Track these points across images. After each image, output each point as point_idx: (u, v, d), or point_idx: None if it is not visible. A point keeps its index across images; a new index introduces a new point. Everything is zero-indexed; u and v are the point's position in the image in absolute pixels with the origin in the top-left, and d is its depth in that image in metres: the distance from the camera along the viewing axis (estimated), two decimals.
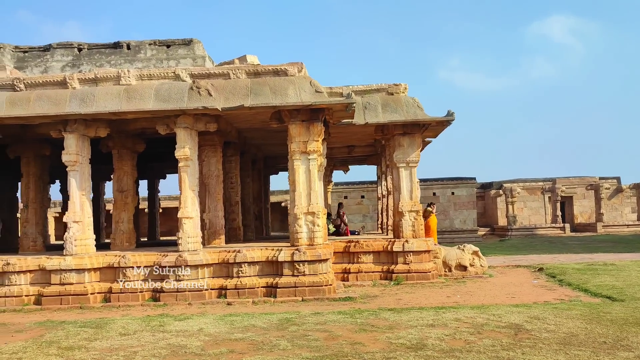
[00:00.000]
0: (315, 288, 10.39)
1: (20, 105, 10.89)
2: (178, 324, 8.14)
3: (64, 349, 6.72)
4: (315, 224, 10.80)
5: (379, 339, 6.71)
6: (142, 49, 14.56)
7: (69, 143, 11.00)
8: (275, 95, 10.65)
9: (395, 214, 13.20)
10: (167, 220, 36.79)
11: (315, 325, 7.70)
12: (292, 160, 11.01)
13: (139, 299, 10.55)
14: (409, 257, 12.52)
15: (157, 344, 6.81)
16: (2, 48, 14.34)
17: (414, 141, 12.87)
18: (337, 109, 10.82)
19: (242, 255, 10.64)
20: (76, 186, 11.11)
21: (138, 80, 11.19)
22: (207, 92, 10.71)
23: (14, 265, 10.72)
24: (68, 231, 10.92)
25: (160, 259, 10.72)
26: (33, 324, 8.69)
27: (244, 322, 8.09)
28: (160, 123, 11.25)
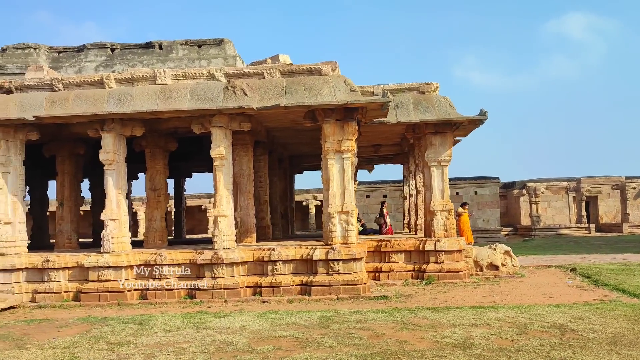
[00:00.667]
0: (349, 287, 10.42)
1: (59, 104, 11.08)
2: (219, 321, 8.23)
3: (112, 344, 6.84)
4: (349, 223, 10.82)
5: (424, 337, 6.71)
6: (174, 48, 14.72)
7: (106, 142, 11.17)
8: (309, 94, 10.70)
9: (426, 213, 13.16)
10: (189, 218, 36.96)
11: (356, 323, 7.73)
12: (325, 160, 11.05)
13: (175, 296, 10.67)
14: (440, 257, 12.47)
15: (202, 341, 6.90)
16: (38, 49, 14.60)
17: (446, 140, 12.82)
18: (372, 108, 10.83)
19: (276, 254, 10.71)
20: (113, 185, 11.27)
21: (173, 80, 11.32)
22: (242, 91, 10.79)
23: (53, 262, 10.92)
24: (105, 229, 11.09)
25: (196, 256, 10.83)
26: (76, 319, 8.85)
27: (284, 319, 8.15)
28: (195, 122, 11.36)
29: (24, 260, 11.07)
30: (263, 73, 11.17)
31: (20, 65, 14.37)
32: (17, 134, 11.46)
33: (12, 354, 6.52)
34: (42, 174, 17.84)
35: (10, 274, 10.96)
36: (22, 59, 14.59)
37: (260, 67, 11.28)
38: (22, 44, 14.53)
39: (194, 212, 37.10)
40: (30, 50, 14.56)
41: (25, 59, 14.58)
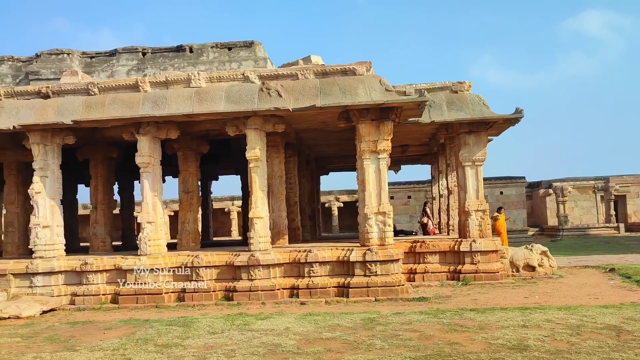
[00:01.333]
0: (387, 288, 10.32)
1: (95, 108, 11.18)
2: (261, 322, 8.20)
3: (160, 347, 6.84)
4: (386, 223, 10.73)
5: (474, 339, 6.60)
6: (205, 51, 14.77)
7: (142, 145, 11.23)
8: (345, 94, 10.64)
9: (461, 213, 13.01)
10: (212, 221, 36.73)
11: (401, 325, 7.64)
12: (361, 160, 10.98)
13: (212, 298, 10.68)
14: (476, 257, 12.31)
15: (250, 343, 6.86)
16: (71, 54, 14.77)
17: (480, 139, 12.66)
18: (408, 107, 10.73)
19: (313, 255, 10.66)
20: (149, 187, 11.32)
21: (207, 83, 11.35)
22: (277, 93, 10.78)
23: (92, 265, 11.00)
24: (142, 231, 11.14)
25: (233, 258, 10.83)
26: (118, 322, 8.89)
27: (327, 321, 8.09)
28: (229, 125, 11.37)
29: (63, 263, 11.18)
30: (297, 74, 11.15)
31: (54, 71, 14.55)
32: (54, 138, 11.59)
33: (64, 356, 6.55)
34: (72, 178, 18.03)
35: (50, 276, 11.07)
36: (56, 64, 14.77)
37: (294, 68, 11.26)
38: (56, 50, 14.72)
39: (217, 214, 37.23)
40: (64, 55, 14.74)
41: (59, 64, 14.76)
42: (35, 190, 11.27)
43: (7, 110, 11.34)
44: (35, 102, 11.46)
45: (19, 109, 11.32)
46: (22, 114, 11.24)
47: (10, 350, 7.01)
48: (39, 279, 11.03)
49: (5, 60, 15.09)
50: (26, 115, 11.22)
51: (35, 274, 11.03)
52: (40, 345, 7.26)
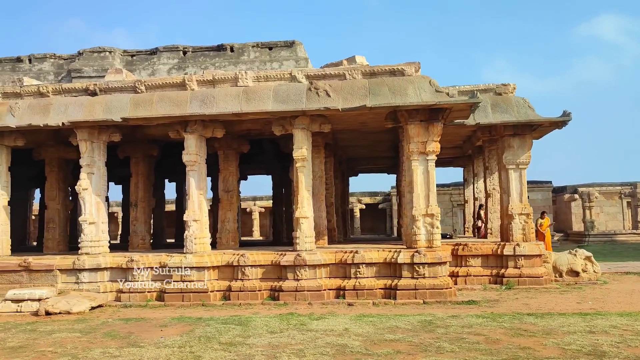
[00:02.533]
0: (436, 291, 10.22)
1: (143, 106, 11.23)
2: (317, 323, 8.15)
3: (225, 345, 6.82)
4: (434, 225, 10.64)
5: (545, 344, 6.49)
6: (245, 51, 14.79)
7: (189, 143, 11.26)
8: (394, 95, 10.57)
9: (503, 216, 12.88)
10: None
11: (462, 328, 7.55)
12: (409, 161, 10.90)
13: (258, 298, 10.66)
14: (520, 261, 12.18)
15: (315, 342, 6.82)
16: (113, 52, 14.87)
17: (525, 142, 12.53)
18: (458, 109, 10.64)
19: (360, 256, 10.60)
20: (195, 185, 11.34)
21: (254, 82, 11.34)
22: (325, 92, 10.74)
23: (137, 262, 11.04)
24: (188, 229, 11.16)
25: (279, 258, 10.81)
26: (170, 319, 8.89)
27: (384, 323, 8.02)
28: (275, 124, 11.36)
29: (109, 260, 11.24)
30: (344, 74, 11.11)
31: (96, 68, 14.65)
32: (100, 136, 11.65)
33: (131, 352, 6.56)
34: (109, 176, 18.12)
35: (96, 273, 11.13)
36: (99, 62, 14.88)
37: (342, 68, 11.22)
38: (98, 48, 14.82)
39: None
40: (106, 53, 14.84)
41: (102, 62, 14.85)
42: (83, 186, 11.34)
43: (56, 107, 11.42)
44: (83, 99, 11.53)
45: (67, 106, 11.39)
46: (71, 111, 11.31)
47: (75, 345, 7.03)
48: (85, 275, 11.10)
49: (48, 57, 15.23)
50: (74, 112, 11.29)
51: (81, 270, 11.09)
52: (102, 341, 7.28)
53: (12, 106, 11.52)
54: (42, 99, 11.69)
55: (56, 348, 6.87)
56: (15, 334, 7.95)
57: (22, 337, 7.66)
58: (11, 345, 7.10)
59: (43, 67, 15.26)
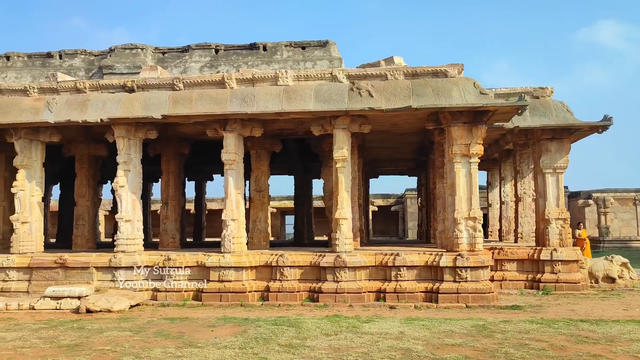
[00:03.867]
0: (478, 295, 10.11)
1: (183, 103, 11.13)
2: (368, 326, 8.05)
3: (286, 347, 6.71)
4: (476, 229, 10.52)
5: (614, 351, 6.38)
6: (279, 50, 14.70)
7: (228, 142, 11.16)
8: (438, 96, 10.47)
9: (539, 221, 12.75)
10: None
11: (519, 333, 7.43)
12: (451, 164, 10.79)
13: (297, 299, 10.55)
14: (557, 267, 12.07)
15: (377, 346, 6.71)
16: (145, 49, 14.77)
17: (563, 146, 12.42)
18: (503, 111, 10.53)
19: (401, 259, 10.49)
20: (233, 185, 11.25)
21: (294, 81, 11.24)
22: (367, 93, 10.64)
23: (174, 261, 10.94)
24: (226, 229, 11.06)
25: (318, 259, 10.70)
26: (216, 319, 8.79)
27: (436, 327, 7.91)
28: (315, 124, 11.27)
29: (145, 258, 11.14)
30: (386, 74, 11.00)
31: (128, 65, 14.57)
32: (137, 133, 11.56)
33: (194, 352, 6.45)
34: None
35: (132, 271, 11.03)
36: (130, 59, 14.79)
37: (383, 68, 11.11)
38: (130, 44, 14.74)
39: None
40: (138, 50, 14.75)
41: (133, 59, 14.76)
42: (120, 184, 11.25)
43: (94, 103, 11.33)
44: (121, 95, 11.44)
45: (105, 102, 11.30)
46: (109, 107, 11.22)
47: (132, 344, 6.93)
48: (121, 273, 11.00)
49: (79, 53, 15.15)
50: (113, 108, 11.20)
51: (117, 268, 11.00)
52: (157, 340, 7.17)
53: (49, 101, 11.43)
54: (79, 95, 11.60)
55: (114, 347, 6.76)
56: (64, 331, 7.85)
57: (73, 335, 7.56)
58: (67, 344, 7.00)
59: (73, 63, 15.17)
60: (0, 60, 15.05)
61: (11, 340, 7.21)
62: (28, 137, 11.73)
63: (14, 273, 11.24)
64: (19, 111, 11.39)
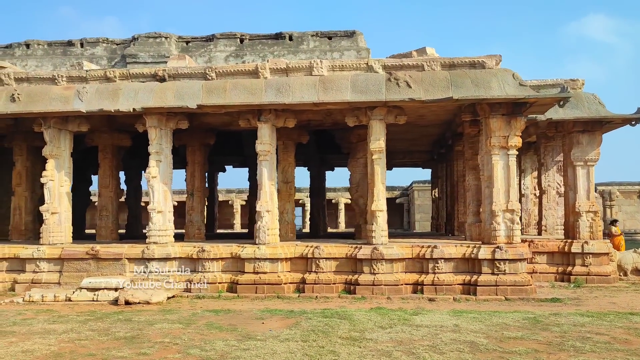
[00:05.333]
0: (517, 287, 10.08)
1: (216, 93, 10.98)
2: (419, 318, 7.99)
3: (349, 339, 6.63)
4: (514, 221, 10.48)
5: None
6: (305, 40, 14.51)
7: (263, 133, 11.03)
8: (477, 87, 10.38)
9: (569, 214, 12.73)
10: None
11: (574, 327, 7.40)
12: (489, 156, 10.71)
13: (333, 291, 10.49)
14: (587, 259, 12.06)
15: (440, 339, 6.65)
16: (169, 38, 14.54)
17: (594, 139, 12.38)
18: (543, 103, 10.46)
19: (439, 251, 10.43)
20: (267, 176, 11.13)
21: (329, 71, 11.11)
22: (405, 83, 10.53)
23: (209, 253, 10.83)
24: (260, 220, 10.95)
25: (354, 251, 10.63)
26: (260, 311, 8.70)
27: (488, 320, 7.86)
28: (350, 115, 11.15)
29: (178, 250, 11.02)
30: (423, 65, 10.90)
31: (152, 54, 14.34)
32: (168, 123, 11.41)
33: (257, 345, 6.36)
34: (138, 164, 17.86)
35: (165, 262, 10.92)
36: (154, 47, 14.55)
37: (420, 59, 11.00)
38: (154, 33, 14.50)
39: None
40: (162, 39, 14.52)
41: (157, 47, 14.53)
42: (152, 174, 11.10)
43: (125, 92, 11.16)
44: (153, 84, 11.26)
45: (137, 91, 11.13)
46: (141, 97, 11.05)
47: (190, 337, 6.83)
48: (154, 265, 10.89)
49: (100, 42, 14.87)
50: (145, 97, 11.03)
51: (150, 260, 10.88)
52: (212, 333, 7.08)
53: (79, 90, 11.24)
54: (110, 84, 11.42)
55: (172, 339, 6.66)
56: (112, 323, 7.74)
57: (124, 327, 7.45)
58: (122, 336, 6.89)
59: (95, 52, 14.91)
60: (20, 48, 14.78)
61: (63, 333, 7.09)
62: (57, 126, 11.55)
63: (44, 264, 11.09)
64: (48, 100, 11.20)
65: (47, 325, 7.56)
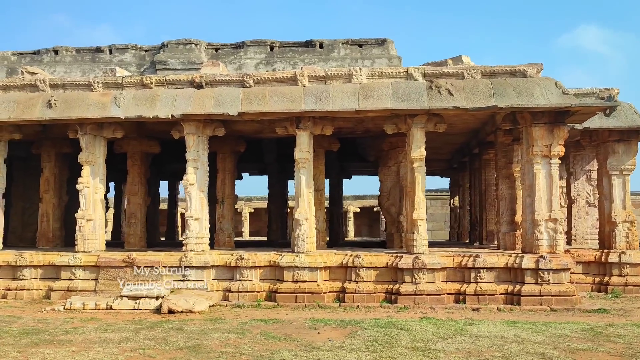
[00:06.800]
0: (562, 298, 9.98)
1: (255, 100, 10.91)
2: (476, 329, 7.88)
3: (415, 350, 6.52)
4: (557, 231, 10.40)
5: None
6: (335, 47, 14.49)
7: (302, 140, 10.97)
8: (520, 96, 10.32)
9: (605, 223, 12.66)
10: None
11: (636, 338, 7.31)
12: (530, 164, 10.65)
13: (374, 300, 10.38)
14: (625, 269, 11.99)
15: (508, 350, 6.54)
16: (198, 45, 14.50)
17: (630, 148, 12.35)
18: (587, 112, 10.42)
19: (481, 261, 10.34)
20: (305, 184, 11.05)
21: (368, 79, 11.05)
22: (447, 91, 10.48)
23: (247, 261, 10.72)
24: (299, 228, 10.86)
25: (395, 260, 10.52)
26: (309, 321, 8.59)
27: (545, 331, 7.76)
28: (388, 123, 11.11)
29: (215, 258, 10.91)
30: (463, 73, 10.85)
31: (182, 61, 14.29)
32: (205, 130, 11.33)
33: (327, 356, 6.24)
34: (156, 171, 17.78)
35: (203, 271, 10.79)
36: (184, 54, 14.50)
37: (460, 67, 10.96)
38: (184, 40, 14.46)
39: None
40: (192, 46, 14.48)
41: (187, 54, 14.48)
42: (190, 181, 11.01)
43: (162, 98, 11.08)
44: (190, 91, 11.19)
45: (174, 98, 11.05)
46: (179, 103, 10.97)
47: (252, 346, 6.71)
48: (191, 273, 10.76)
49: (129, 48, 14.83)
50: (183, 104, 10.95)
51: (188, 268, 10.75)
52: (272, 342, 6.96)
53: (116, 97, 11.17)
54: (147, 90, 11.34)
55: (236, 349, 6.54)
56: (165, 332, 7.61)
57: (180, 336, 7.33)
58: (183, 345, 6.77)
59: (124, 58, 14.86)
60: (49, 55, 14.72)
61: (121, 342, 6.96)
62: (93, 132, 11.47)
63: (80, 271, 10.96)
64: (85, 106, 11.11)
65: (100, 334, 7.43)
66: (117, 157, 14.25)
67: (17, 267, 11.22)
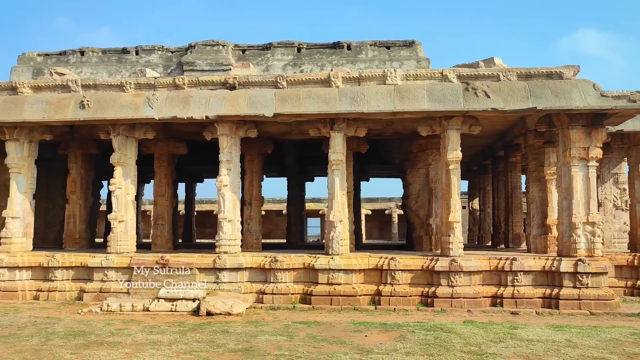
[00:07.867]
0: (601, 302, 9.88)
1: (290, 102, 10.85)
2: (524, 333, 7.80)
3: (471, 354, 6.45)
4: (595, 234, 10.30)
5: None
6: (363, 49, 14.44)
7: (336, 142, 10.91)
8: (557, 98, 10.24)
9: (637, 227, 12.56)
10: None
11: None
12: (567, 167, 10.57)
13: (410, 303, 10.29)
14: None
15: (565, 354, 6.46)
16: (226, 46, 14.47)
17: None
18: (625, 114, 10.33)
19: (518, 264, 10.25)
20: (339, 185, 11.00)
21: (403, 80, 10.99)
22: (484, 93, 10.41)
23: (281, 263, 10.65)
24: (333, 230, 10.79)
25: (431, 263, 10.45)
26: (350, 324, 8.52)
27: (595, 335, 7.69)
28: (423, 124, 11.05)
29: (249, 260, 10.84)
30: (498, 75, 10.77)
31: (209, 62, 14.25)
32: (238, 131, 11.28)
33: (381, 359, 6.17)
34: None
35: (237, 272, 10.73)
36: (212, 55, 14.47)
37: (496, 69, 10.89)
38: (211, 41, 14.43)
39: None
40: (219, 47, 14.45)
41: (215, 55, 14.45)
42: (223, 183, 10.95)
43: (196, 99, 11.03)
44: (224, 92, 11.14)
45: (208, 99, 11.00)
46: (212, 104, 10.92)
47: (305, 349, 6.64)
48: (225, 275, 10.70)
49: (156, 50, 14.80)
50: (216, 105, 10.90)
51: (221, 270, 10.69)
52: (323, 345, 6.89)
53: (149, 97, 11.12)
54: (180, 91, 11.29)
55: (291, 352, 6.48)
56: (211, 334, 7.55)
57: (229, 338, 7.26)
58: (234, 348, 6.70)
59: (151, 60, 14.82)
60: (75, 56, 14.71)
61: (170, 344, 6.90)
62: (125, 133, 11.43)
63: (112, 273, 10.90)
64: (118, 107, 11.07)
65: (147, 336, 7.37)
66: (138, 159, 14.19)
67: (49, 268, 11.17)
